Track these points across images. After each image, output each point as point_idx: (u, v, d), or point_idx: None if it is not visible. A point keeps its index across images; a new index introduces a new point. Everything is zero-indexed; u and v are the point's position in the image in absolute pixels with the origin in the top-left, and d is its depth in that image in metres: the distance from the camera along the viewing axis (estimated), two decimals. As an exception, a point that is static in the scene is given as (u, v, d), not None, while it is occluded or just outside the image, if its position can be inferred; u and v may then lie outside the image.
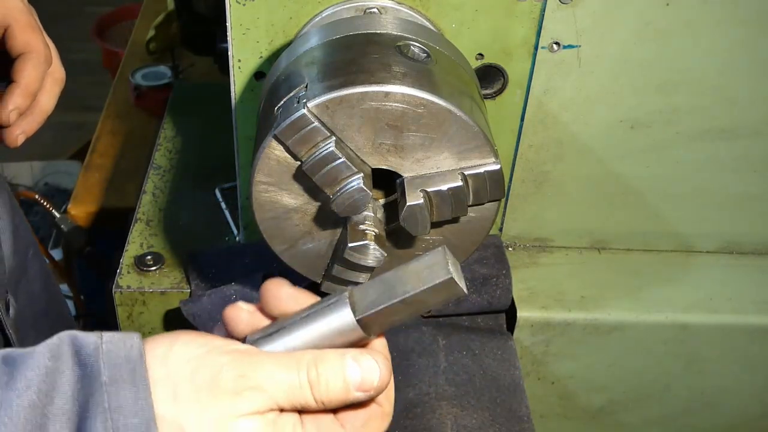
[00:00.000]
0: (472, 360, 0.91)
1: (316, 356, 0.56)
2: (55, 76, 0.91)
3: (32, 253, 1.14)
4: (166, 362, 0.55)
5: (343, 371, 0.56)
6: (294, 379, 0.55)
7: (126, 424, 0.53)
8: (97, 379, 0.53)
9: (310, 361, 0.56)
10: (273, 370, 0.55)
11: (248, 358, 0.56)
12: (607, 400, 1.03)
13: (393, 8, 0.82)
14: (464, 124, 0.68)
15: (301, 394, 0.55)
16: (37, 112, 0.89)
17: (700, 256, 1.04)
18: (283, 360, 0.56)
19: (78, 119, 3.05)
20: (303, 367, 0.56)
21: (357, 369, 0.56)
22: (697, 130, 0.94)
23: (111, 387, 0.53)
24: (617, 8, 0.85)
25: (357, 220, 0.71)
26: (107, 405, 0.53)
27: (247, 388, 0.54)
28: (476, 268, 0.94)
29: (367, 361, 0.57)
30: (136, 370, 0.54)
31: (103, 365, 0.54)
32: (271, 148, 0.69)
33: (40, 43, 0.87)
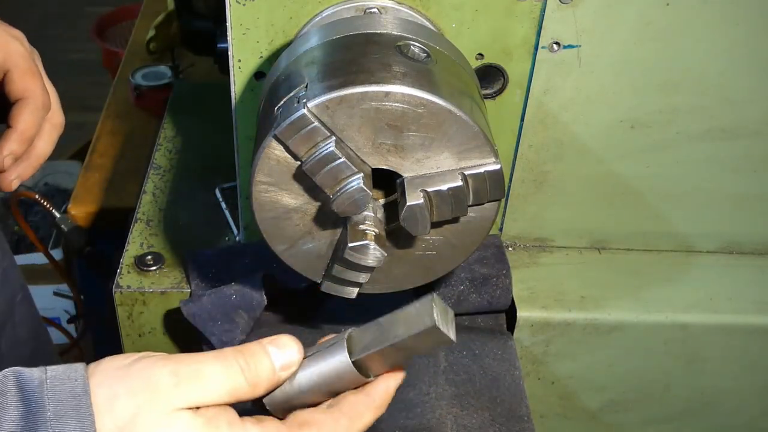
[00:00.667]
0: (472, 360, 0.91)
1: (237, 349, 0.60)
2: (53, 121, 0.91)
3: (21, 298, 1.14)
4: (108, 385, 0.56)
5: (267, 355, 0.60)
6: (225, 368, 0.58)
7: None
8: (42, 415, 0.54)
9: (235, 353, 0.60)
10: (205, 361, 0.58)
11: (180, 357, 0.58)
12: (607, 400, 1.03)
13: (393, 8, 0.82)
14: (464, 124, 0.68)
15: (235, 379, 0.58)
16: (33, 158, 0.89)
17: (700, 256, 1.04)
18: (212, 355, 0.59)
19: (78, 119, 3.05)
20: (230, 356, 0.59)
21: (278, 352, 0.61)
22: (697, 130, 0.94)
23: (55, 423, 0.54)
24: (617, 8, 0.85)
25: (357, 220, 0.71)
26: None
27: (182, 381, 0.57)
28: (476, 268, 0.94)
29: (281, 339, 0.62)
30: (80, 405, 0.55)
31: (48, 401, 0.54)
32: (271, 148, 0.69)
33: (38, 88, 0.87)
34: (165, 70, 1.65)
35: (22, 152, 0.87)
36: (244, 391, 0.59)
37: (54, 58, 3.55)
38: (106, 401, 0.55)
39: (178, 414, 0.56)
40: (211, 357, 0.59)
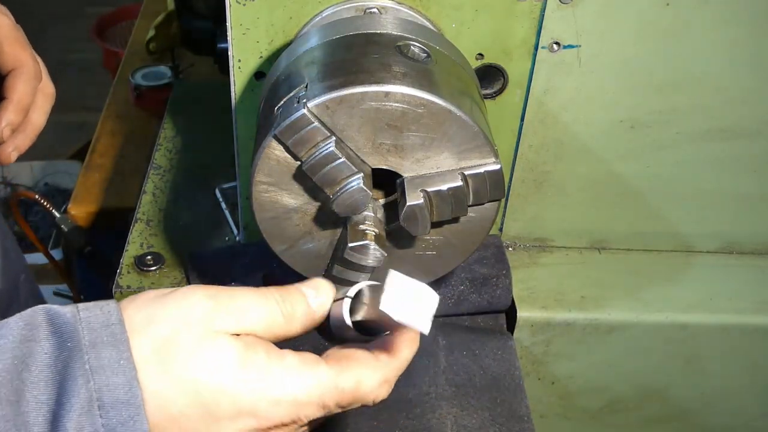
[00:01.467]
0: (472, 360, 0.91)
1: (275, 287, 0.62)
2: (45, 91, 0.90)
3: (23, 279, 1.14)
4: (144, 310, 0.57)
5: (303, 295, 0.62)
6: (262, 299, 0.60)
7: (108, 384, 0.53)
8: (76, 344, 0.54)
9: (272, 289, 0.61)
10: (244, 291, 0.60)
11: (219, 287, 0.59)
12: (607, 400, 1.03)
13: (393, 8, 0.82)
14: (464, 124, 0.68)
15: (271, 311, 0.59)
16: (29, 129, 0.89)
17: (700, 256, 1.04)
18: (250, 288, 0.60)
19: (78, 119, 3.05)
20: (267, 291, 0.61)
21: (313, 293, 0.63)
22: (697, 130, 0.94)
23: (91, 349, 0.54)
24: (617, 8, 0.85)
25: (357, 220, 0.71)
26: (88, 367, 0.53)
27: (220, 306, 0.57)
28: (476, 268, 0.94)
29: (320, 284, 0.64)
30: (116, 334, 0.55)
31: (82, 330, 0.54)
32: (271, 148, 0.69)
33: (29, 58, 0.87)
34: (165, 70, 1.65)
35: (20, 122, 0.86)
36: (279, 324, 0.60)
37: (54, 58, 3.56)
38: (143, 325, 0.56)
39: (215, 336, 0.56)
40: (250, 289, 0.60)
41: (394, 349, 0.62)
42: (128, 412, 0.53)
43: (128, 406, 0.53)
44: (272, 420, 0.57)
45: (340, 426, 0.83)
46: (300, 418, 0.58)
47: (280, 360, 0.58)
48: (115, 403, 0.53)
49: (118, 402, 0.53)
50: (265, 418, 0.57)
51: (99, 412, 0.52)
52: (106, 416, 0.52)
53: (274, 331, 0.59)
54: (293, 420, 0.58)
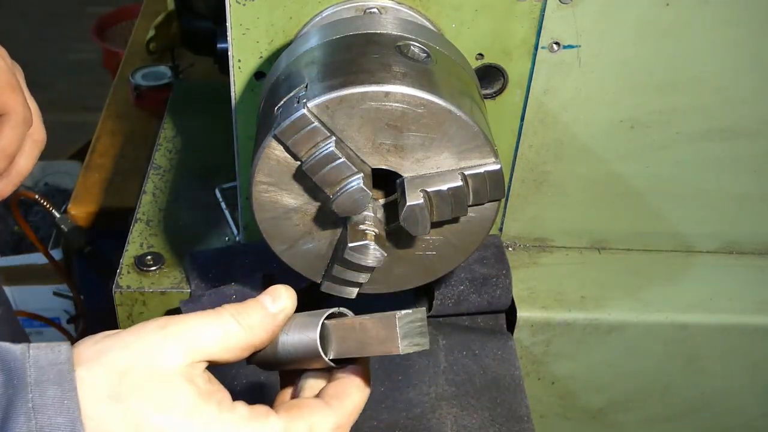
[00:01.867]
0: (472, 360, 0.91)
1: (231, 304, 0.61)
2: (34, 137, 0.89)
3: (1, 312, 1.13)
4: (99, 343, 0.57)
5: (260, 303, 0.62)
6: (216, 316, 0.60)
7: (51, 424, 0.52)
8: (21, 380, 0.53)
9: (227, 306, 0.61)
10: (196, 314, 0.59)
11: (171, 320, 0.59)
12: (607, 400, 1.03)
13: (393, 8, 0.82)
14: (464, 124, 0.68)
15: (226, 325, 0.59)
16: (13, 174, 0.88)
17: (700, 256, 1.04)
18: (203, 312, 0.60)
19: (78, 119, 3.05)
20: (222, 308, 0.61)
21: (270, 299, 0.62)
22: (697, 130, 0.94)
23: (36, 387, 0.53)
24: (617, 8, 0.85)
25: (357, 220, 0.71)
26: (31, 405, 0.52)
27: (171, 332, 0.57)
28: (476, 268, 0.94)
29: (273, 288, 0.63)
30: (62, 372, 0.54)
31: (29, 367, 0.54)
32: (271, 148, 0.69)
33: (19, 105, 0.85)
34: (165, 70, 1.65)
35: (3, 169, 0.86)
36: (239, 337, 0.59)
37: (54, 58, 3.56)
38: (97, 355, 0.56)
39: (170, 377, 0.56)
40: (203, 313, 0.60)
41: (344, 395, 0.62)
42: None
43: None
44: None
45: (340, 426, 0.83)
46: None
47: (230, 411, 0.57)
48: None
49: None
50: None
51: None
52: None
53: (234, 345, 0.59)
54: None
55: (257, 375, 0.88)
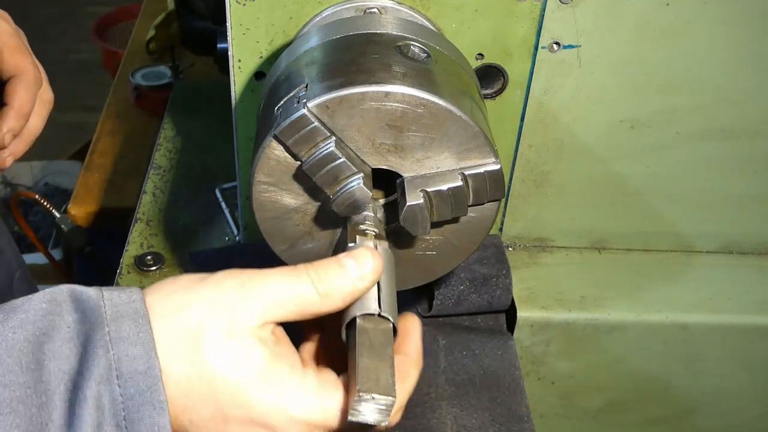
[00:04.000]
0: (472, 360, 0.91)
1: (310, 263, 0.60)
2: (43, 97, 0.91)
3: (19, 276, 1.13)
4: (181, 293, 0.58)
5: (342, 267, 0.60)
6: (293, 278, 0.58)
7: (128, 354, 0.54)
8: (98, 317, 0.55)
9: (306, 266, 0.59)
10: (274, 273, 0.58)
11: (251, 271, 0.59)
12: (607, 400, 1.03)
13: (393, 8, 0.82)
14: (464, 124, 0.68)
15: (303, 290, 0.58)
16: (26, 135, 0.90)
17: (700, 256, 1.04)
18: (282, 268, 0.59)
19: (78, 119, 3.05)
20: (301, 269, 0.59)
21: (349, 259, 0.60)
22: (697, 130, 0.94)
23: (112, 322, 0.55)
24: (617, 8, 0.85)
25: (357, 220, 0.71)
26: (108, 338, 0.54)
27: (250, 294, 0.57)
28: (476, 268, 0.94)
29: (358, 250, 0.61)
30: (137, 309, 0.55)
31: (104, 306, 0.55)
32: (271, 148, 0.69)
33: (30, 65, 0.87)
34: (165, 70, 1.65)
35: (21, 128, 0.87)
36: (314, 302, 0.58)
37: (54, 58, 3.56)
38: (171, 311, 0.56)
39: (243, 335, 0.56)
40: (281, 270, 0.59)
41: (402, 374, 0.62)
42: (146, 383, 0.53)
43: (146, 376, 0.54)
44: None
45: (340, 426, 0.83)
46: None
47: (302, 378, 0.58)
48: (133, 373, 0.53)
49: (136, 372, 0.53)
50: (275, 430, 0.57)
51: (117, 381, 0.53)
52: (124, 386, 0.53)
53: (308, 311, 0.59)
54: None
55: None
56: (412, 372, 0.63)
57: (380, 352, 0.59)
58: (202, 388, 0.55)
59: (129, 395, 0.53)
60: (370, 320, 0.60)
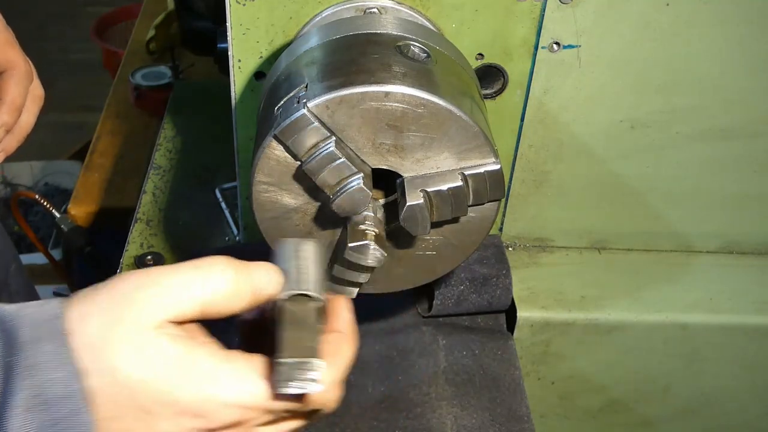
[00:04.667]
0: (472, 360, 0.91)
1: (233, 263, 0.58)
2: (34, 93, 0.90)
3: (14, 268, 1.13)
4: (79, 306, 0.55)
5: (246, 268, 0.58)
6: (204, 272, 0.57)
7: (50, 379, 0.52)
8: (18, 340, 0.53)
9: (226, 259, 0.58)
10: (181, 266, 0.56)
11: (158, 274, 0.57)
12: (607, 400, 1.03)
13: (393, 8, 0.82)
14: (464, 124, 0.68)
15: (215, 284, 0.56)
16: (17, 130, 0.89)
17: (700, 256, 1.04)
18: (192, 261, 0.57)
19: (78, 119, 3.05)
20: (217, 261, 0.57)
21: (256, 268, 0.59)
22: (697, 130, 0.94)
23: (31, 345, 0.53)
24: (617, 8, 0.85)
25: (357, 220, 0.71)
26: (29, 363, 0.53)
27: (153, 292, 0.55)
28: (476, 268, 0.94)
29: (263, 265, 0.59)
30: (55, 329, 0.54)
31: (22, 326, 0.54)
32: (271, 148, 0.69)
33: (21, 59, 0.86)
34: (165, 70, 1.65)
35: (13, 123, 0.86)
36: (220, 303, 0.57)
37: (54, 58, 3.55)
38: (78, 320, 0.55)
39: (153, 333, 0.55)
40: (190, 266, 0.57)
41: (334, 350, 0.60)
42: (70, 407, 0.52)
43: (69, 400, 0.52)
44: (218, 422, 0.56)
45: (340, 426, 0.83)
46: (246, 420, 0.57)
47: (226, 362, 0.56)
48: (57, 398, 0.52)
49: (58, 397, 0.52)
50: (210, 419, 0.56)
51: (42, 407, 0.52)
52: (49, 412, 0.52)
53: (213, 310, 0.57)
54: (239, 422, 0.57)
55: None
56: (344, 348, 0.61)
57: (305, 326, 0.58)
58: (122, 396, 0.54)
59: (55, 421, 0.52)
60: (296, 299, 0.60)
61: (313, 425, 0.82)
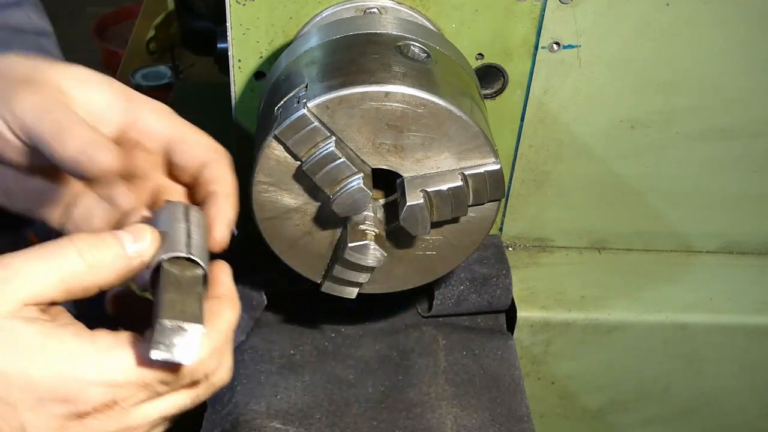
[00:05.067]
0: (472, 360, 0.91)
1: (80, 234, 0.55)
2: None
3: None
4: None
5: (116, 239, 0.55)
6: (57, 252, 0.54)
7: None
8: None
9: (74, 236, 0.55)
10: (37, 249, 0.54)
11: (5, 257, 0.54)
12: (607, 400, 1.03)
13: (393, 8, 0.82)
14: (464, 124, 0.68)
15: (69, 263, 0.53)
16: None
17: (700, 256, 1.04)
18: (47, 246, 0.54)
19: (78, 119, 3.04)
20: (66, 240, 0.54)
21: (126, 233, 0.56)
22: (697, 130, 0.94)
23: None
24: (617, 8, 0.85)
25: (357, 220, 0.71)
26: None
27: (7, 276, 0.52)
28: (476, 268, 0.94)
29: (137, 226, 0.56)
30: None
31: None
32: (271, 148, 0.69)
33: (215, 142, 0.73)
34: (165, 70, 1.66)
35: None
36: (81, 276, 0.54)
37: (54, 58, 3.50)
38: None
39: (2, 318, 0.52)
40: (44, 245, 0.54)
41: (214, 315, 0.57)
42: None
43: None
44: (87, 404, 0.53)
45: (340, 426, 0.83)
46: (121, 399, 0.54)
47: (91, 340, 0.53)
48: None
49: None
50: (78, 402, 0.53)
51: None
52: None
53: (76, 284, 0.54)
54: (113, 401, 0.53)
55: None
56: (225, 312, 0.58)
57: (187, 289, 0.55)
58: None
59: None
60: (177, 263, 0.57)
61: (312, 425, 0.82)
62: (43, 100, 0.59)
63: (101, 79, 0.64)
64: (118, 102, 0.64)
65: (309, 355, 0.90)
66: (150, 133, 0.64)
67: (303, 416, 0.83)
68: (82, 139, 0.58)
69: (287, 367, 0.88)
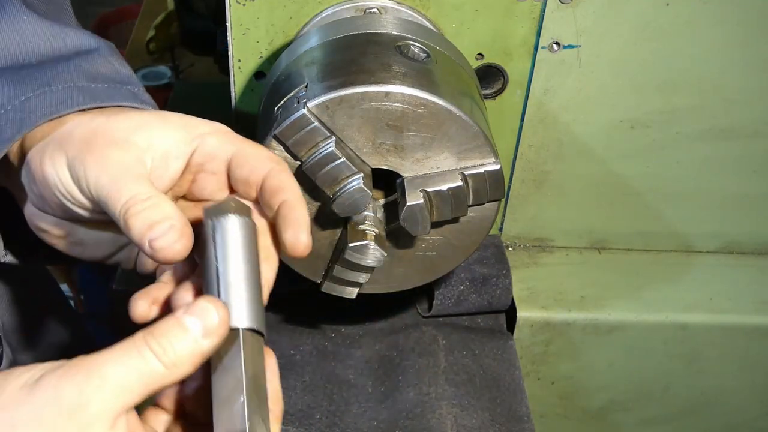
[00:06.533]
0: (472, 360, 0.91)
1: (147, 331, 0.53)
2: None
3: None
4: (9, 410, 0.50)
5: (179, 323, 0.53)
6: (135, 361, 0.52)
7: None
8: None
9: (145, 336, 0.53)
10: (110, 361, 0.52)
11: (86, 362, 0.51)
12: (607, 400, 1.03)
13: (393, 8, 0.82)
14: (464, 124, 0.68)
15: (148, 369, 0.52)
16: None
17: (700, 256, 1.04)
18: (117, 350, 0.52)
19: (78, 119, 3.04)
20: (140, 344, 0.52)
21: (192, 318, 0.53)
22: (697, 130, 0.94)
23: None
24: (617, 8, 0.85)
25: (357, 220, 0.71)
26: None
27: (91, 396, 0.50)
28: (476, 268, 0.94)
29: (198, 305, 0.54)
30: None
31: None
32: (271, 148, 0.69)
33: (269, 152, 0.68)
34: (165, 70, 1.66)
35: None
36: (162, 375, 0.52)
37: (54, 58, 3.49)
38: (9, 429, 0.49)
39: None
40: (117, 353, 0.52)
41: None
42: None
43: None
44: None
45: (340, 426, 0.83)
46: None
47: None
48: None
49: None
50: None
51: None
52: None
53: (158, 385, 0.53)
54: None
55: None
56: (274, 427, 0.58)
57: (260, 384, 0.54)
58: None
59: None
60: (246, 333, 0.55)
61: (312, 425, 0.82)
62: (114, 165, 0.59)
63: (159, 118, 0.64)
64: (180, 133, 0.63)
65: (309, 355, 0.91)
66: (213, 154, 0.63)
67: (303, 416, 0.83)
68: (145, 222, 0.56)
69: (287, 367, 0.88)
